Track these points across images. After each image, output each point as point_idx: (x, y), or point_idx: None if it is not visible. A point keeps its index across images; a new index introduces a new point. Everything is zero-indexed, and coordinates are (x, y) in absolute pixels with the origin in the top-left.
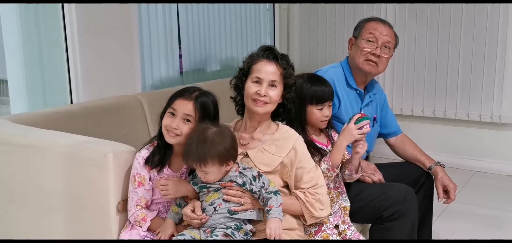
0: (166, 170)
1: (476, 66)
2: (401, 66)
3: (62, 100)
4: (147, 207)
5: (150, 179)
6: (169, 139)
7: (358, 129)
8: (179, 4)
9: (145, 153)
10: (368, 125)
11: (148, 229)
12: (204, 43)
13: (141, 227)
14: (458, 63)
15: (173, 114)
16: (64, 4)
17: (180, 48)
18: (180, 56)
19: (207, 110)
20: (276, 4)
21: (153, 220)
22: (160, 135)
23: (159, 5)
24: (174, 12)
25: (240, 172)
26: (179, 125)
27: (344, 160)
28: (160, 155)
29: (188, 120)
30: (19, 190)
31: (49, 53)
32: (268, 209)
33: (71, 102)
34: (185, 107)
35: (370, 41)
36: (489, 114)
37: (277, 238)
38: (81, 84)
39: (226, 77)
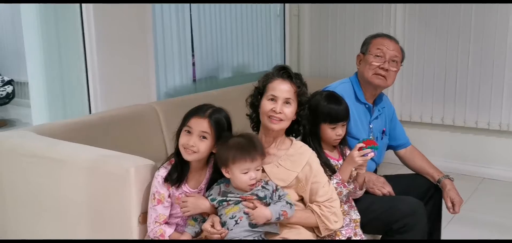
0: (185, 187)
1: (485, 74)
2: (410, 73)
3: (80, 107)
4: (166, 223)
5: (169, 196)
6: (187, 156)
7: (361, 156)
8: (192, 13)
9: (163, 171)
10: (372, 153)
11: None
12: (216, 51)
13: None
14: (467, 70)
15: (189, 132)
16: (83, 15)
17: (193, 56)
18: (193, 64)
19: (222, 126)
20: (286, 11)
21: (172, 235)
22: (177, 153)
23: (173, 14)
24: (188, 21)
25: (262, 186)
26: (196, 142)
27: (351, 177)
28: (178, 173)
29: (204, 137)
30: (45, 201)
31: (69, 62)
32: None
33: (89, 110)
34: (201, 125)
35: (378, 56)
36: (497, 122)
37: (252, 219)
38: (99, 92)
39: (238, 84)
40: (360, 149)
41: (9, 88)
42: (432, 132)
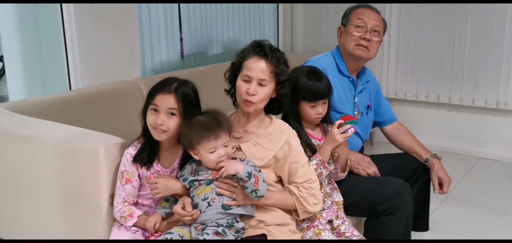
0: (156, 166)
1: (483, 50)
2: (405, 49)
3: (60, 84)
4: (134, 204)
5: (138, 176)
6: (157, 136)
7: (341, 133)
8: None
9: (133, 150)
10: (352, 129)
11: (135, 225)
12: (205, 25)
13: (126, 222)
14: (464, 47)
15: (156, 110)
16: None
17: (181, 30)
18: (181, 39)
19: (189, 99)
20: None
21: (140, 216)
22: (145, 132)
23: None
24: None
25: None
26: (164, 120)
27: (332, 158)
28: (148, 153)
29: (173, 114)
30: (16, 180)
31: (46, 35)
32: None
33: (70, 87)
34: (167, 101)
35: (359, 26)
36: (494, 101)
37: (222, 170)
38: (79, 68)
39: (228, 60)
40: (340, 126)
41: None
42: (427, 110)
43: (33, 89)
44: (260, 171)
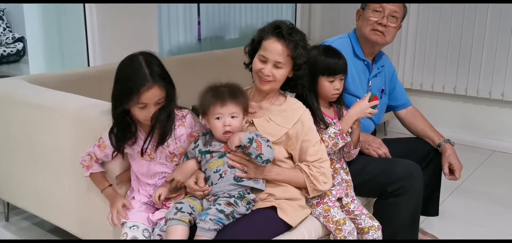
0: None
1: (502, 41)
2: (423, 39)
3: (79, 64)
4: (96, 162)
5: (112, 156)
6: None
7: (371, 108)
8: None
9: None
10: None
11: (91, 177)
12: (223, 9)
13: (83, 170)
14: (483, 39)
15: (144, 107)
16: None
17: (199, 14)
18: (199, 23)
19: (165, 72)
20: None
21: (96, 174)
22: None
23: None
24: None
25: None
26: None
27: (349, 131)
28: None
29: (160, 102)
30: (34, 148)
31: (67, 15)
32: None
33: (88, 66)
34: (153, 95)
35: (377, 10)
36: None
37: (230, 144)
38: (98, 49)
39: (245, 45)
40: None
41: (19, 45)
42: (443, 101)
43: (53, 68)
44: (268, 140)
